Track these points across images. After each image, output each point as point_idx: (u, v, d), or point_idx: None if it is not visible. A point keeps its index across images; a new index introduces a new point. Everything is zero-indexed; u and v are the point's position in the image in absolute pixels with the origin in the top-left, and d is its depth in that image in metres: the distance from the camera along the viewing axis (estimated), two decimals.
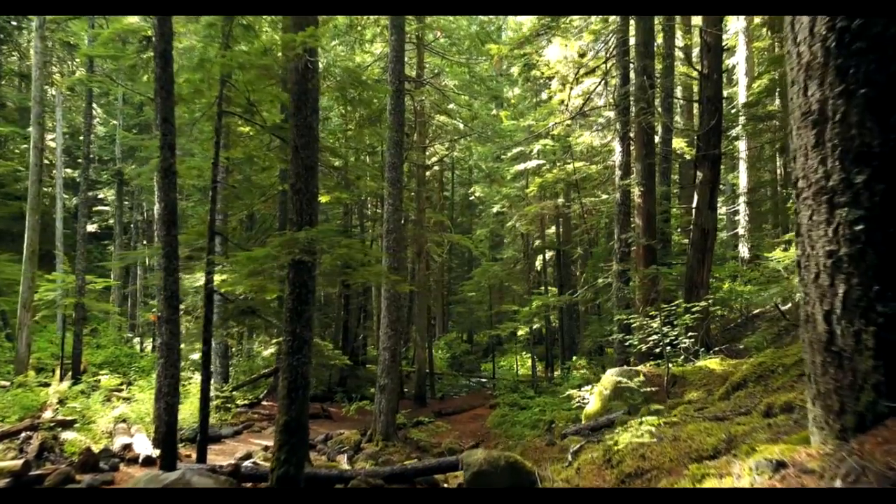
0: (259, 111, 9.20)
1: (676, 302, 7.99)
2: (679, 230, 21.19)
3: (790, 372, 5.07)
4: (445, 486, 8.37)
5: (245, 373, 19.44)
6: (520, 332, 25.94)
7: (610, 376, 8.33)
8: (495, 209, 27.64)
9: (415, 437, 14.44)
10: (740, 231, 23.06)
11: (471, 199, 35.07)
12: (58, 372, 18.98)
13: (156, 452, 11.56)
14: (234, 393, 15.48)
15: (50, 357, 22.29)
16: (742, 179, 22.36)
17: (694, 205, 12.13)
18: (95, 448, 11.48)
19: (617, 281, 12.47)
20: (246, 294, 8.72)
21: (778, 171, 22.50)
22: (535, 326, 26.07)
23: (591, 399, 8.69)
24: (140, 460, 10.55)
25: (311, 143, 6.92)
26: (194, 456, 11.33)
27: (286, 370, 6.64)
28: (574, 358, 25.89)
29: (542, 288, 26.77)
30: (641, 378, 8.05)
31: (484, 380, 26.75)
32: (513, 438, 15.17)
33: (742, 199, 22.69)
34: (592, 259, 21.82)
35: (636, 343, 9.16)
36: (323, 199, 9.96)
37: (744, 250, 23.40)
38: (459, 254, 37.12)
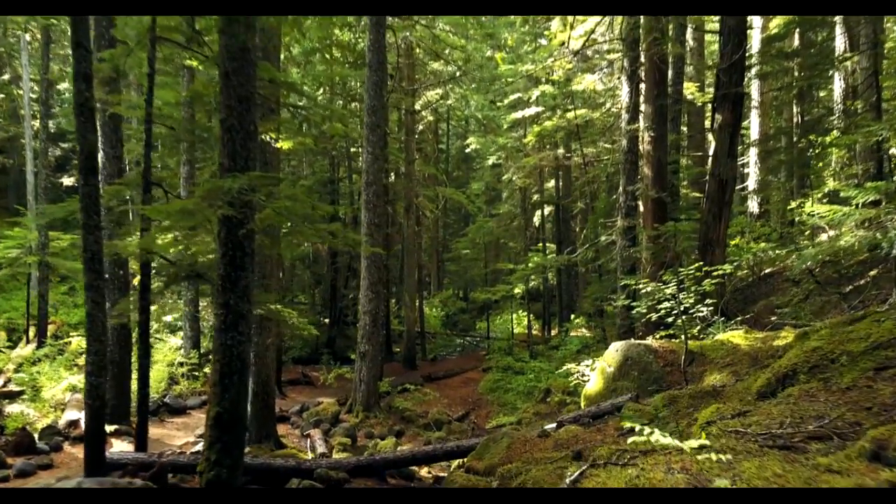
0: (205, 41, 7.70)
1: (696, 264, 6.70)
2: (687, 182, 19.77)
3: (860, 364, 3.81)
4: (421, 477, 7.26)
5: None
6: (516, 290, 24.79)
7: (614, 351, 7.11)
8: (491, 161, 26.08)
9: (399, 405, 13.40)
10: (750, 184, 21.60)
11: (467, 151, 33.36)
12: (31, 334, 17.94)
13: (110, 428, 10.50)
14: (204, 360, 14.36)
15: (23, 318, 21.21)
16: (753, 127, 20.77)
17: (711, 152, 10.71)
18: (40, 424, 10.42)
19: (622, 239, 11.15)
20: (191, 256, 7.41)
21: (795, 119, 20.87)
22: (532, 284, 24.92)
23: (593, 377, 7.50)
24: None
25: (245, 67, 5.49)
26: (152, 431, 10.26)
27: (218, 351, 5.40)
28: (572, 317, 24.86)
29: (540, 245, 25.49)
30: (652, 356, 6.83)
31: (478, 339, 25.75)
32: (505, 407, 14.16)
33: (753, 149, 21.13)
34: (594, 214, 20.47)
35: (643, 310, 7.92)
36: (284, 144, 8.55)
37: (753, 205, 22.02)
38: (455, 209, 35.62)
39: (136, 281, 11.31)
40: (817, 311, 8.49)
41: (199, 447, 8.44)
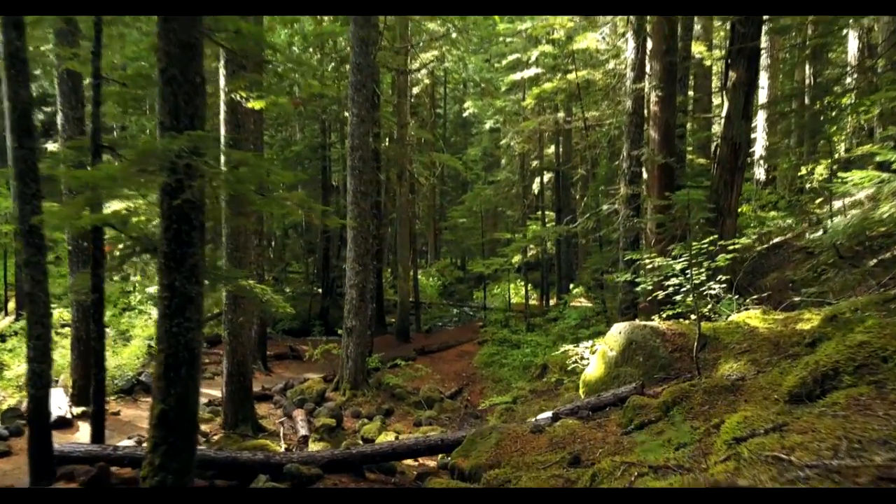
0: None
1: (710, 237, 5.95)
2: (693, 148, 18.89)
3: None
4: (404, 470, 6.64)
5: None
6: (514, 259, 23.99)
7: (617, 334, 6.42)
8: (488, 125, 25.07)
9: (390, 382, 12.80)
10: (758, 150, 20.68)
11: (464, 115, 32.23)
12: (10, 307, 17.30)
13: (77, 410, 9.92)
14: None
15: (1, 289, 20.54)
16: (762, 89, 19.75)
17: (723, 113, 9.87)
18: (5, 405, 9.82)
19: (625, 208, 10.38)
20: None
21: (807, 80, 19.84)
22: (530, 254, 24.22)
23: (593, 360, 6.83)
24: (51, 422, 8.83)
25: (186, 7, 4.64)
26: (124, 412, 9.63)
27: (162, 340, 4.69)
28: (571, 286, 24.22)
29: (539, 213, 24.68)
30: (659, 339, 6.13)
31: (474, 311, 25.16)
32: (500, 383, 13.59)
33: (762, 113, 20.15)
34: (595, 182, 19.63)
35: (649, 286, 7.20)
36: (256, 104, 7.70)
37: (759, 171, 21.16)
38: (453, 175, 34.59)
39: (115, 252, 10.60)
40: (838, 288, 7.77)
41: None
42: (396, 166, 18.30)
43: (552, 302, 23.33)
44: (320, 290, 23.56)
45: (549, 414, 6.64)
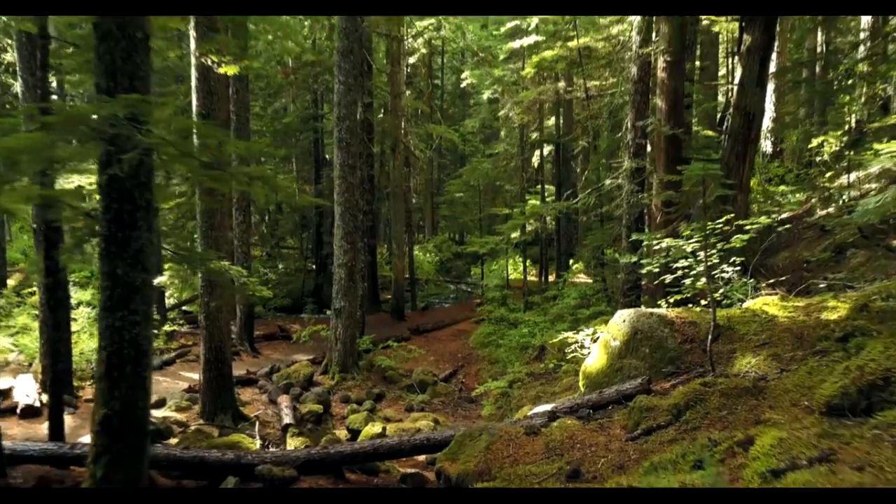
0: None
1: (725, 216, 5.34)
2: (698, 119, 18.12)
3: None
4: (389, 469, 6.14)
5: (190, 287, 16.86)
6: (513, 235, 23.32)
7: (621, 322, 5.85)
8: (486, 95, 24.20)
9: (381, 364, 12.30)
10: (765, 121, 19.88)
11: (462, 86, 31.26)
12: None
13: (47, 398, 9.39)
14: (170, 313, 13.18)
15: None
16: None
17: (736, 80, 9.17)
18: None
19: (629, 183, 9.73)
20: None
21: (819, 48, 18.97)
22: (529, 229, 23.55)
23: (594, 350, 6.27)
24: (19, 411, 8.34)
25: None
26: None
27: (104, 336, 4.12)
28: (571, 262, 23.64)
29: (539, 187, 23.98)
30: (667, 329, 5.57)
31: (472, 288, 24.64)
32: (496, 365, 13.10)
33: (770, 82, 19.27)
34: (596, 154, 18.92)
35: (655, 268, 6.61)
36: (228, 70, 7.03)
37: (766, 144, 20.44)
38: (452, 149, 33.74)
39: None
40: (862, 270, 7.18)
41: None
42: (390, 138, 17.57)
43: (551, 278, 22.79)
44: (314, 267, 22.99)
45: (546, 408, 6.11)
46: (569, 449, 4.37)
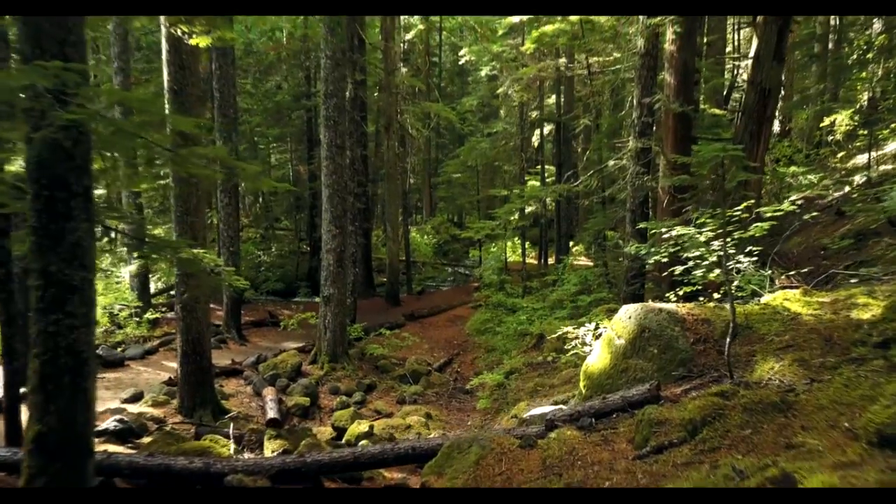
0: None
1: (746, 202, 4.78)
2: (705, 96, 17.44)
3: None
4: (373, 477, 5.67)
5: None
6: (511, 218, 22.70)
7: (626, 318, 5.32)
8: (484, 72, 23.44)
9: (374, 352, 11.84)
10: None
11: (461, 63, 30.41)
12: None
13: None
14: (156, 298, 12.66)
15: None
16: None
17: (751, 53, 8.55)
18: None
19: (634, 164, 9.14)
20: None
21: (832, 22, 18.19)
22: (528, 211, 22.97)
23: (596, 347, 5.75)
24: None
25: None
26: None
27: (38, 342, 3.60)
28: (571, 244, 23.09)
29: (539, 168, 23.33)
30: (678, 327, 5.05)
31: (469, 271, 24.13)
32: (493, 353, 12.62)
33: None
34: (598, 134, 18.26)
35: (664, 257, 6.08)
36: (200, 41, 6.42)
37: (774, 122, 19.71)
38: (451, 128, 32.95)
39: None
40: (881, 257, 6.65)
41: (111, 422, 6.87)
42: (383, 116, 16.91)
43: (551, 261, 22.27)
44: (308, 249, 22.44)
45: (544, 410, 5.63)
46: (568, 467, 3.87)
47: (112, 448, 6.41)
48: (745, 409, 3.56)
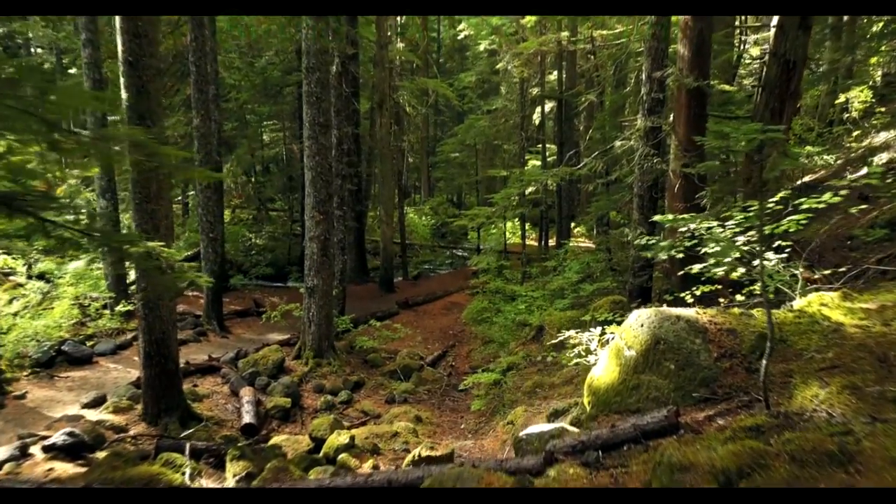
0: None
1: (781, 193, 4.03)
2: (716, 72, 16.51)
3: None
4: None
5: None
6: (511, 202, 21.83)
7: (638, 326, 4.60)
8: (483, 46, 22.45)
9: (363, 345, 11.16)
10: None
11: (460, 38, 29.31)
12: None
13: None
14: (130, 290, 11.91)
15: None
16: None
17: (773, 23, 7.70)
18: None
19: (643, 145, 8.34)
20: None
21: None
22: (528, 191, 22.17)
23: (603, 358, 5.04)
24: None
25: None
26: (33, 394, 7.53)
27: None
28: (573, 226, 22.34)
29: (539, 147, 22.47)
30: (699, 339, 4.33)
31: (468, 254, 23.39)
32: (490, 345, 11.93)
33: None
34: (602, 111, 17.38)
35: (680, 252, 5.32)
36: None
37: None
38: (451, 105, 31.93)
39: None
40: None
41: (60, 435, 6.18)
42: (376, 93, 16.03)
43: (551, 243, 21.53)
44: (301, 231, 21.68)
45: (543, 428, 4.91)
46: None
47: (59, 467, 5.75)
48: (794, 459, 2.84)
